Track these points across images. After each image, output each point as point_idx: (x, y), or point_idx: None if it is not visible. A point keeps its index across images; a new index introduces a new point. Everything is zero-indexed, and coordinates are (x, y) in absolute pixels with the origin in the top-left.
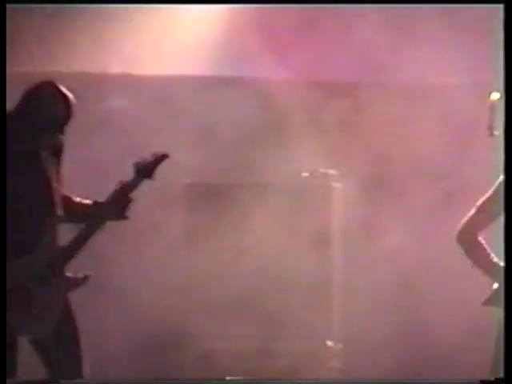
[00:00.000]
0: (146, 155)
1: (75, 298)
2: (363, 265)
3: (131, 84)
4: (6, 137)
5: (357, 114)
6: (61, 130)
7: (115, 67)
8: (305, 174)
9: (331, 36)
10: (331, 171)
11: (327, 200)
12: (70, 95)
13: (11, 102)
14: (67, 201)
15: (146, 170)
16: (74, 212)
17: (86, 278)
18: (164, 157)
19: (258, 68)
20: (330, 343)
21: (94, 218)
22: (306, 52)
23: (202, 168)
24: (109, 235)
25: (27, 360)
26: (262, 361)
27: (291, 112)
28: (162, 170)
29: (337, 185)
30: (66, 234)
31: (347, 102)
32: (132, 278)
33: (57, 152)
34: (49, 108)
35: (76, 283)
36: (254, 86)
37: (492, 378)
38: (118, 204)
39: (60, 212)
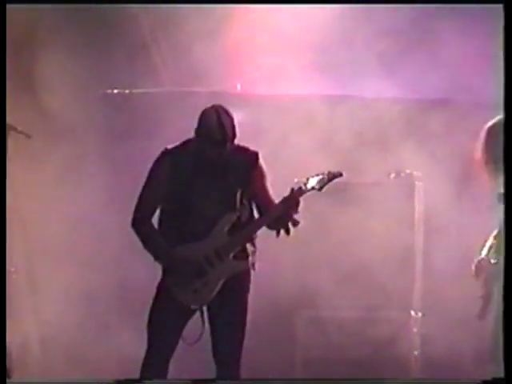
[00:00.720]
0: (323, 171)
1: None
2: (440, 246)
3: (253, 102)
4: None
5: (446, 127)
6: (224, 146)
7: (239, 87)
8: (392, 175)
9: (427, 55)
10: (416, 172)
11: (412, 195)
12: (228, 120)
13: (177, 118)
14: (264, 203)
15: (320, 184)
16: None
17: (245, 265)
18: (338, 175)
19: (368, 86)
20: (412, 313)
21: (267, 216)
22: (408, 71)
23: (321, 170)
24: None
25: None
26: (360, 326)
27: (392, 124)
28: (295, 171)
29: (420, 183)
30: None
31: (438, 117)
32: (266, 256)
33: (249, 164)
34: (210, 130)
35: (237, 268)
36: (363, 102)
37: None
38: (290, 205)
39: (244, 209)
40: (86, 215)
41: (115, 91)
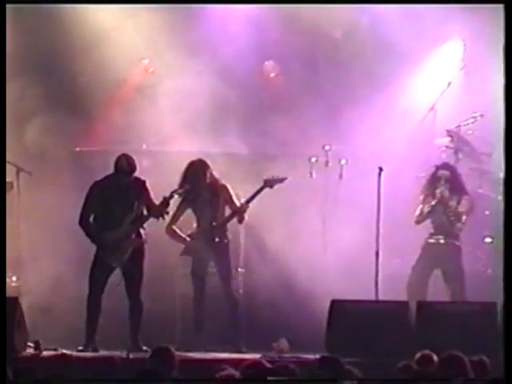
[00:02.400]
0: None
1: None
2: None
3: (153, 155)
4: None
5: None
6: (130, 176)
7: (144, 146)
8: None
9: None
10: (242, 199)
11: None
12: (130, 160)
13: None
14: (150, 205)
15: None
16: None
17: (143, 240)
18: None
19: (232, 144)
20: (239, 269)
21: (154, 212)
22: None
23: None
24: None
25: None
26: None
27: (236, 173)
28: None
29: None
30: None
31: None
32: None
33: (140, 186)
34: (119, 166)
35: (136, 242)
36: (228, 155)
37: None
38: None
39: (138, 211)
40: (65, 217)
41: (77, 149)
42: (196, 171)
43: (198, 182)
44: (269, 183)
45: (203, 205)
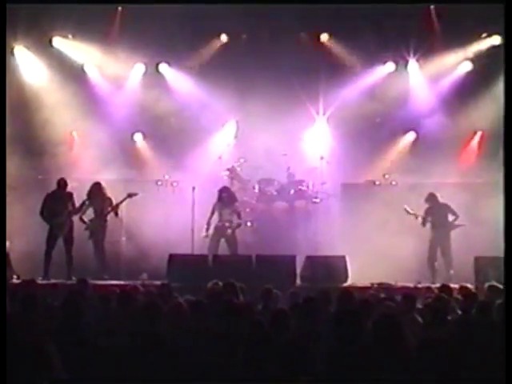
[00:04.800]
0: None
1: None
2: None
3: (80, 180)
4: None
5: None
6: (65, 189)
7: (74, 175)
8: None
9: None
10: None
11: None
12: (64, 181)
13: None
14: (75, 209)
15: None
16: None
17: (72, 223)
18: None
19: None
20: (123, 238)
21: (75, 211)
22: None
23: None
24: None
25: None
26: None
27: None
28: None
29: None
30: None
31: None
32: None
33: (70, 196)
34: (60, 184)
35: (69, 224)
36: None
37: None
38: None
39: (69, 208)
40: (35, 212)
41: (39, 177)
42: (96, 188)
43: (96, 193)
44: (129, 195)
45: (97, 205)
